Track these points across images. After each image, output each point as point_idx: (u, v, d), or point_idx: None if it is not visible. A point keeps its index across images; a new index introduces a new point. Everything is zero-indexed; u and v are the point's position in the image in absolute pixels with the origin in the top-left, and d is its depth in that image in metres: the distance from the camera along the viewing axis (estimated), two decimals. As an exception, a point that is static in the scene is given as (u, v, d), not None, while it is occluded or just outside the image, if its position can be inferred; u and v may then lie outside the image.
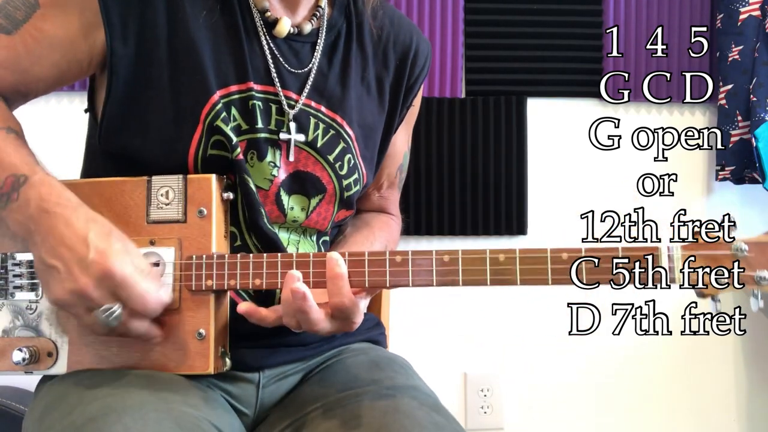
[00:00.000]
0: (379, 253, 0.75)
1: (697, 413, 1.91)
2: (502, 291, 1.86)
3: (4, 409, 1.42)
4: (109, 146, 0.83)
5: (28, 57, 0.81)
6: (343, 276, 0.73)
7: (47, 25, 0.81)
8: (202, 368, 0.76)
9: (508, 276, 0.72)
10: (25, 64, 0.81)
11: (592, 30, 1.87)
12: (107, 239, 0.71)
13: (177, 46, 0.81)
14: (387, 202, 1.07)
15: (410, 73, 0.97)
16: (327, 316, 0.74)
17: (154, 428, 0.66)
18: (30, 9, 0.81)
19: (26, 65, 0.81)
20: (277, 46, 0.87)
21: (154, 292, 0.72)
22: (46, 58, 0.81)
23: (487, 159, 1.84)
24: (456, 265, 0.73)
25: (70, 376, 0.77)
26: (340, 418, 0.76)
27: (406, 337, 1.82)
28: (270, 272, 0.76)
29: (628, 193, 1.80)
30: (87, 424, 0.67)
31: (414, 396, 0.79)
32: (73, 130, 1.15)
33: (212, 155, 0.81)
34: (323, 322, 0.74)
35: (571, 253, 0.71)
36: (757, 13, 1.78)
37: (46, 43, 0.81)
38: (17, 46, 0.81)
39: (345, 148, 0.89)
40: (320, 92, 0.89)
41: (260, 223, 0.82)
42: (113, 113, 0.81)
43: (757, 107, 1.74)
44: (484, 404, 1.86)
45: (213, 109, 0.80)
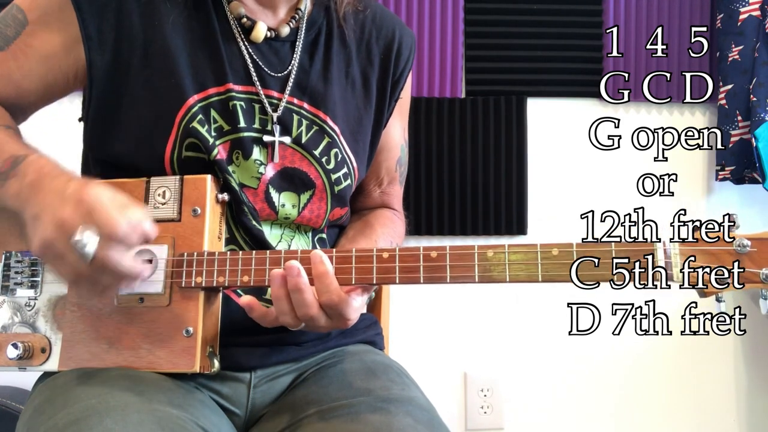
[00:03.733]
0: (366, 250, 0.74)
1: (697, 413, 1.91)
2: (502, 291, 1.86)
3: (3, 408, 1.42)
4: (96, 153, 0.87)
5: (19, 71, 0.85)
6: (328, 273, 0.72)
7: (35, 41, 0.84)
8: (187, 366, 0.76)
9: (498, 273, 0.71)
10: (16, 78, 0.85)
11: (592, 30, 1.87)
12: (87, 180, 0.72)
13: (153, 53, 0.84)
14: (390, 197, 1.07)
15: (395, 66, 0.98)
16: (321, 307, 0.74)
17: (135, 429, 0.66)
18: (20, 26, 0.85)
19: (18, 79, 0.85)
20: (255, 48, 0.89)
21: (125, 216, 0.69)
22: (34, 72, 0.85)
23: (487, 159, 1.84)
24: (444, 261, 0.72)
25: (61, 376, 0.78)
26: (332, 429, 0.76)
27: (406, 336, 1.82)
28: (258, 269, 0.76)
29: (628, 193, 1.81)
30: (69, 426, 0.67)
31: (409, 412, 0.78)
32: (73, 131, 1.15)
33: (188, 157, 0.82)
34: (317, 309, 0.73)
35: (561, 248, 0.70)
36: (757, 13, 1.78)
37: (35, 58, 0.85)
38: (9, 62, 0.85)
39: (330, 142, 0.89)
40: (302, 89, 0.90)
41: (245, 220, 0.84)
42: (95, 120, 0.85)
43: (757, 107, 1.74)
44: (484, 404, 1.86)
45: (188, 113, 0.82)
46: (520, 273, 0.71)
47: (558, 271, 0.70)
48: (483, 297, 1.86)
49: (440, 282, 0.73)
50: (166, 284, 0.78)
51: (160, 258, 0.79)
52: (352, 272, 0.74)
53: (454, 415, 1.85)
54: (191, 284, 0.77)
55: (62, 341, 0.80)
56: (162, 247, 0.79)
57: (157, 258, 0.79)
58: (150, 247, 0.79)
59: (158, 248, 0.79)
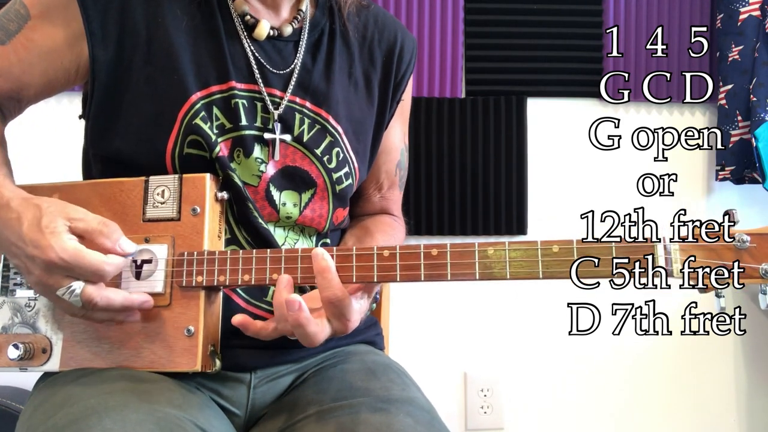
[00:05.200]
0: (367, 249, 0.74)
1: (697, 413, 1.91)
2: (502, 291, 1.86)
3: (3, 408, 1.42)
4: (97, 149, 0.86)
5: (20, 65, 0.85)
6: (329, 268, 0.72)
7: (37, 35, 0.84)
8: (189, 365, 0.76)
9: (498, 270, 0.71)
10: (17, 72, 0.85)
11: (592, 30, 1.87)
12: (38, 227, 0.72)
13: (156, 50, 0.84)
14: (389, 202, 1.07)
15: (397, 68, 0.99)
16: (322, 319, 0.74)
17: (134, 429, 0.66)
18: (22, 20, 0.85)
19: (18, 73, 0.85)
20: (259, 47, 0.89)
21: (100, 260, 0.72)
22: (36, 67, 0.85)
23: (487, 159, 1.84)
24: (444, 259, 0.72)
25: (62, 377, 0.78)
26: (332, 430, 0.76)
27: (406, 336, 1.82)
28: (259, 268, 0.76)
29: (628, 193, 1.81)
30: (68, 426, 0.67)
31: (409, 412, 0.78)
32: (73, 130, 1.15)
33: (189, 154, 0.82)
34: (321, 333, 0.73)
35: (562, 245, 0.70)
36: (757, 13, 1.78)
37: (36, 53, 0.85)
38: (10, 56, 0.85)
39: (332, 141, 0.90)
40: (305, 88, 0.90)
41: (250, 218, 0.83)
42: (97, 117, 0.85)
43: (757, 107, 1.74)
44: (484, 404, 1.86)
45: (191, 110, 0.82)
46: (521, 270, 0.71)
47: (558, 267, 0.70)
48: (483, 297, 1.86)
49: (441, 279, 0.73)
50: (166, 284, 0.78)
51: (159, 257, 0.79)
52: (353, 270, 0.74)
53: (454, 415, 1.85)
54: (192, 284, 0.77)
55: (63, 341, 0.79)
56: (162, 246, 0.79)
57: (157, 257, 0.79)
58: (150, 247, 0.79)
59: (158, 247, 0.79)
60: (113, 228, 0.75)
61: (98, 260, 0.71)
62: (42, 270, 0.71)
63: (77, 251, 0.71)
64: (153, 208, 0.80)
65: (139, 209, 0.81)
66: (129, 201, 0.81)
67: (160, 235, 0.79)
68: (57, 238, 0.71)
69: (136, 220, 0.80)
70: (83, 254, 0.71)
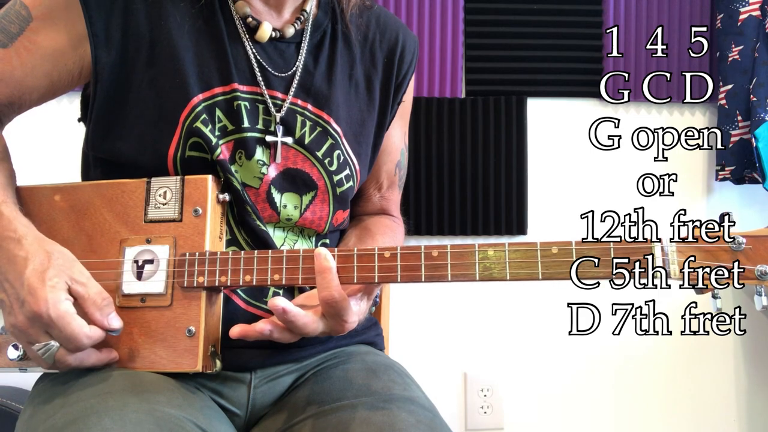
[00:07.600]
0: (368, 249, 0.75)
1: (697, 413, 1.91)
2: (502, 291, 1.86)
3: (3, 408, 1.42)
4: (98, 151, 0.86)
5: (22, 68, 0.84)
6: (330, 269, 0.73)
7: (39, 37, 0.84)
8: (190, 366, 0.76)
9: (498, 271, 0.72)
10: (19, 75, 0.85)
11: (592, 30, 1.87)
12: (41, 276, 0.72)
13: (158, 53, 0.84)
14: (388, 203, 1.07)
15: (398, 69, 0.98)
16: (317, 314, 0.75)
17: (134, 429, 0.66)
18: (24, 23, 0.84)
19: (20, 76, 0.85)
20: (260, 49, 0.89)
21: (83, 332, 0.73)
22: (38, 69, 0.85)
23: (487, 159, 1.84)
24: (445, 260, 0.73)
25: (61, 377, 0.78)
26: (333, 429, 0.76)
27: (406, 336, 1.82)
28: (260, 269, 0.76)
29: (628, 193, 1.81)
30: (68, 425, 0.67)
31: (411, 411, 0.78)
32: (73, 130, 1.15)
33: (190, 157, 0.82)
34: (313, 324, 0.74)
35: (561, 246, 0.71)
36: (757, 13, 1.78)
37: (39, 55, 0.84)
38: (12, 59, 0.84)
39: (333, 144, 0.90)
40: (306, 90, 0.90)
41: (248, 219, 0.84)
42: (99, 118, 0.84)
43: (757, 107, 1.74)
44: (484, 404, 1.86)
45: (192, 112, 0.82)
46: (521, 271, 0.71)
47: (558, 268, 0.71)
48: (483, 297, 1.86)
49: (441, 280, 0.73)
50: (167, 284, 0.78)
51: (161, 258, 0.79)
52: (354, 271, 0.74)
53: (454, 415, 1.85)
54: (193, 284, 0.77)
55: None
56: (163, 247, 0.79)
57: (158, 258, 0.79)
58: (151, 248, 0.79)
59: (159, 248, 0.79)
60: (108, 302, 0.76)
61: (80, 331, 0.72)
62: (26, 318, 0.72)
63: (66, 314, 0.71)
64: (155, 209, 0.81)
65: (141, 210, 0.81)
66: (131, 202, 0.81)
67: (161, 235, 0.79)
68: (54, 294, 0.71)
69: (137, 221, 0.81)
70: (70, 319, 0.72)
